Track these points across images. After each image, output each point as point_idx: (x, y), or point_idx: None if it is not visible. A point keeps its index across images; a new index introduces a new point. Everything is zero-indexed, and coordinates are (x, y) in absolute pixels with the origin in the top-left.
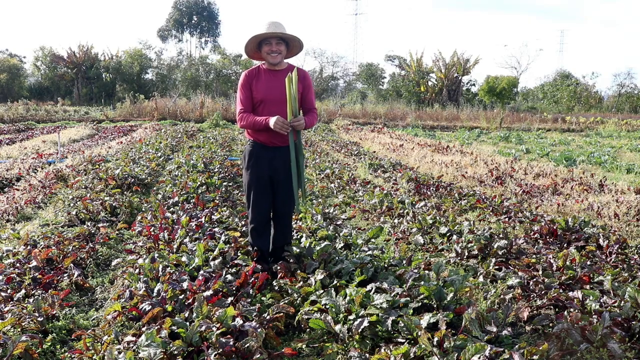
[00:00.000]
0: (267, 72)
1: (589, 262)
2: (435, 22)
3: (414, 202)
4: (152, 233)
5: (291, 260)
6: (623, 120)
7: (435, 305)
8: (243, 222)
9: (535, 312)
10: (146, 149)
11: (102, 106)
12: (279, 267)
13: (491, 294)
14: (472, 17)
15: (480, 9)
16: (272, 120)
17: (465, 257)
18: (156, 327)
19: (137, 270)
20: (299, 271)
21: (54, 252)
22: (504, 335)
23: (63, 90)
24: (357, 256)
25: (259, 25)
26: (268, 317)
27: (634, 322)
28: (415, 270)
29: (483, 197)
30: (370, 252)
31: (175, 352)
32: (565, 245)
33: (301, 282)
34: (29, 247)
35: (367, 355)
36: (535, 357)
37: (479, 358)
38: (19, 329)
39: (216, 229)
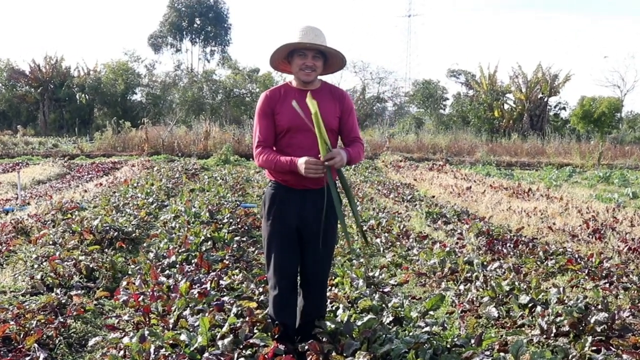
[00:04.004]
0: (295, 91)
1: None
2: (513, 26)
3: (485, 263)
4: (142, 303)
5: (324, 339)
6: None
7: None
8: (261, 289)
9: None
10: (134, 192)
11: (76, 137)
12: (308, 348)
13: None
14: (558, 20)
15: (567, 11)
16: (300, 163)
17: (552, 334)
18: None
19: (122, 352)
20: (334, 353)
21: (12, 329)
22: None
23: (24, 115)
24: (411, 334)
25: (292, 30)
26: None
27: None
28: (487, 352)
29: (576, 256)
30: (427, 329)
31: None
32: None
33: None
34: None
35: None
36: None
37: None
38: None
39: (225, 298)
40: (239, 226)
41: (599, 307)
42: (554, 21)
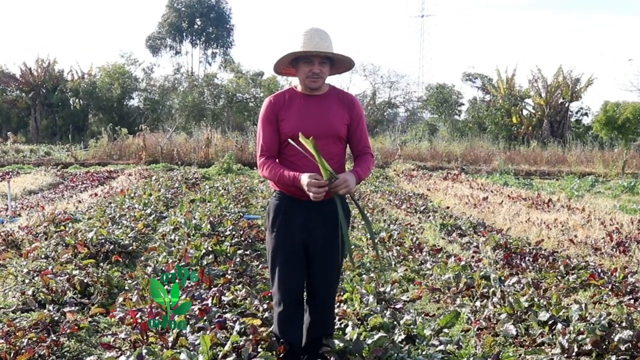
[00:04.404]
0: (300, 97)
1: None
2: (534, 26)
3: (502, 278)
4: (139, 320)
5: (332, 359)
6: None
7: None
8: (265, 306)
9: None
10: (131, 203)
11: (70, 144)
12: None
13: None
14: (581, 19)
15: (583, 10)
16: (303, 183)
17: (574, 353)
18: None
19: None
20: None
21: (2, 347)
22: None
23: (15, 121)
24: (424, 353)
25: (296, 33)
26: None
27: None
28: None
29: (599, 270)
30: (442, 347)
31: None
32: None
33: None
34: None
35: None
36: None
37: None
38: None
39: (228, 315)
40: (242, 239)
41: (623, 324)
42: (576, 21)
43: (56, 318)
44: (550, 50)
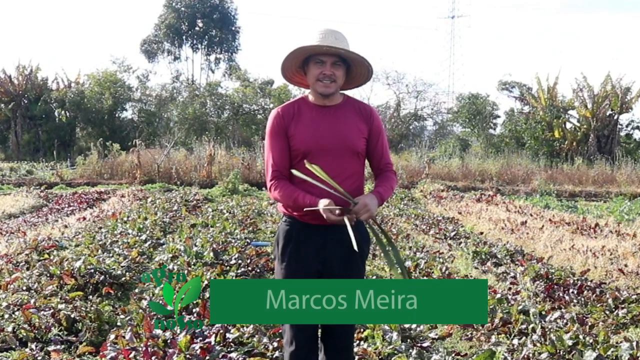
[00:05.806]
0: (312, 108)
1: None
2: (580, 29)
3: (543, 313)
4: None
5: None
6: None
7: None
8: (275, 344)
9: None
10: (123, 228)
11: (55, 161)
12: None
13: None
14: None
15: None
16: (320, 205)
17: None
18: None
19: None
20: None
21: None
22: None
23: None
24: None
25: (309, 34)
26: None
27: None
28: None
29: None
30: None
31: None
32: None
33: None
34: None
35: None
36: None
37: None
38: None
39: (233, 355)
40: (250, 268)
41: None
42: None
43: (39, 358)
44: (597, 56)
